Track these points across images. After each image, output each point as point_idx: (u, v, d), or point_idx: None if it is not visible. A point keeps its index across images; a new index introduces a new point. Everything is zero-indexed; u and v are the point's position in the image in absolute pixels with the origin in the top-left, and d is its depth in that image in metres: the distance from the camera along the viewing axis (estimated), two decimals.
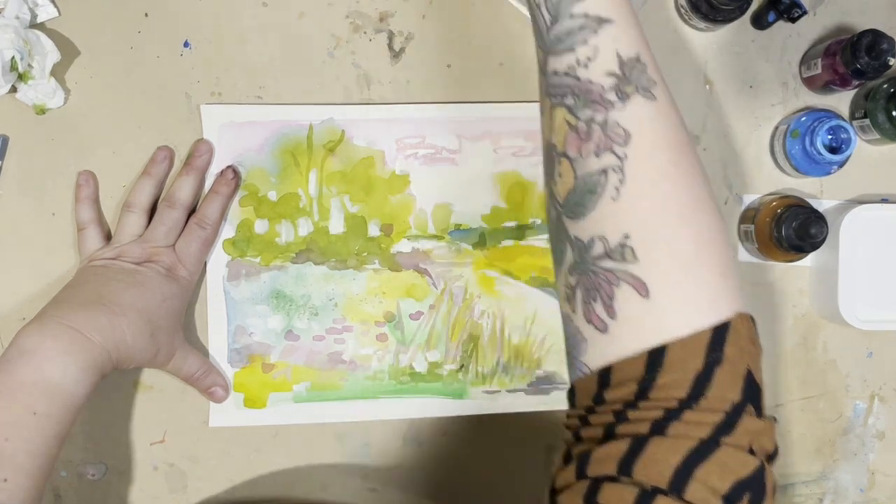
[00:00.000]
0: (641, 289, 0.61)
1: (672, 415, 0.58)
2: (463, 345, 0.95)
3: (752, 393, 0.60)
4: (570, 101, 0.65)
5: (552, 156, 0.66)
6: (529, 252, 0.95)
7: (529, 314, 0.96)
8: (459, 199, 0.95)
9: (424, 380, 0.95)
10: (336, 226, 0.94)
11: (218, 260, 0.93)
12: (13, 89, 0.89)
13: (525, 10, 0.92)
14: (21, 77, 0.87)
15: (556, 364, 0.96)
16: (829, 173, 0.94)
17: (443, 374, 0.95)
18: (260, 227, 0.93)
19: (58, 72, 0.90)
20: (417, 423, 0.95)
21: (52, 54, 0.88)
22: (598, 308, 0.63)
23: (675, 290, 0.61)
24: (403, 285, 0.95)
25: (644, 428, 0.59)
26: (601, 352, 0.63)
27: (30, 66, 0.87)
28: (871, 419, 1.00)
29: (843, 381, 0.99)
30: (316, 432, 0.95)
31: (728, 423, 0.58)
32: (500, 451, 0.96)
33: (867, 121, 0.93)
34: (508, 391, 0.96)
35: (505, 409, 0.96)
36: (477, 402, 0.95)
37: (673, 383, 0.59)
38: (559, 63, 0.66)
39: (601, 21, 0.64)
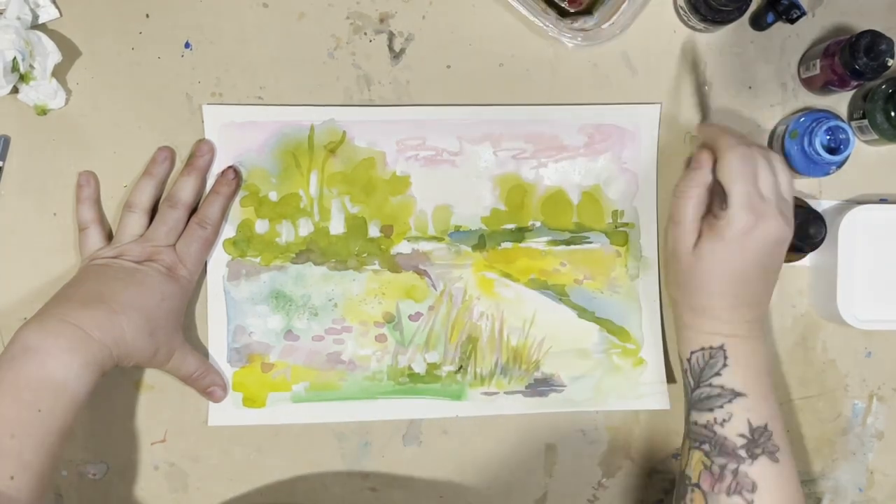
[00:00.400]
0: None
1: None
2: (462, 346, 0.95)
3: None
4: (707, 447, 0.82)
5: (685, 485, 0.83)
6: (528, 254, 0.95)
7: (528, 316, 0.96)
8: (459, 201, 0.95)
9: (423, 381, 0.95)
10: (336, 226, 0.94)
11: (218, 259, 0.93)
12: (15, 90, 0.89)
13: (524, 10, 0.92)
14: (22, 78, 0.88)
15: (554, 366, 0.96)
16: (827, 174, 0.94)
17: (441, 376, 0.95)
18: (260, 227, 0.93)
19: (59, 72, 0.90)
20: (417, 422, 0.96)
21: (54, 55, 0.88)
22: None
23: None
24: (403, 286, 0.95)
25: None
26: None
27: (31, 66, 0.88)
28: (870, 419, 1.00)
29: (842, 381, 0.99)
30: (316, 432, 0.95)
31: None
32: (499, 450, 0.97)
33: (866, 121, 0.94)
34: (506, 393, 0.96)
35: (503, 411, 0.96)
36: (475, 404, 0.95)
37: None
38: (700, 417, 0.83)
39: (735, 393, 0.81)
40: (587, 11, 0.93)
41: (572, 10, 0.93)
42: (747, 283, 0.82)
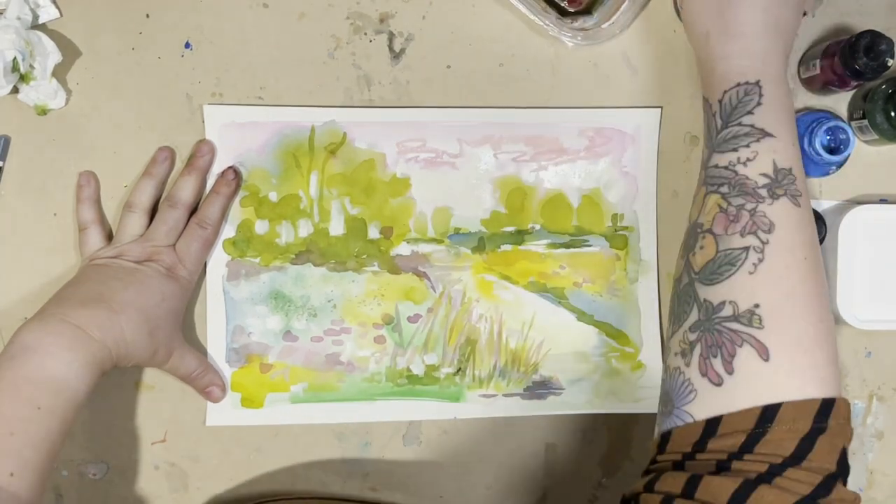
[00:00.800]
0: (763, 352, 0.70)
1: (776, 469, 0.66)
2: (460, 348, 0.95)
3: (844, 468, 0.68)
4: (725, 189, 0.77)
5: (696, 233, 0.78)
6: (528, 257, 0.95)
7: (527, 319, 0.96)
8: (459, 203, 0.95)
9: (421, 382, 0.95)
10: (336, 227, 0.94)
11: (218, 260, 0.93)
12: (15, 90, 0.89)
13: (524, 9, 0.92)
14: (23, 78, 0.88)
15: (553, 369, 0.96)
16: (827, 174, 0.94)
17: (440, 378, 0.95)
18: (260, 227, 0.94)
19: (59, 72, 0.90)
20: (417, 422, 0.96)
21: (54, 55, 0.88)
22: (717, 364, 0.72)
23: (793, 360, 0.70)
24: (402, 288, 0.95)
25: (751, 477, 0.66)
26: (712, 403, 0.72)
27: (31, 66, 0.88)
28: (869, 419, 1.00)
29: (842, 381, 0.99)
30: (316, 432, 0.95)
31: (825, 487, 0.66)
32: (499, 450, 0.97)
33: (865, 121, 0.93)
34: (505, 395, 0.96)
35: (501, 414, 0.96)
36: (473, 406, 0.95)
37: (779, 441, 0.67)
38: (721, 159, 0.78)
39: (765, 133, 0.77)
40: (587, 11, 0.93)
41: (572, 10, 0.93)
42: (787, 5, 0.81)
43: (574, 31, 0.93)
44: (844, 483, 0.68)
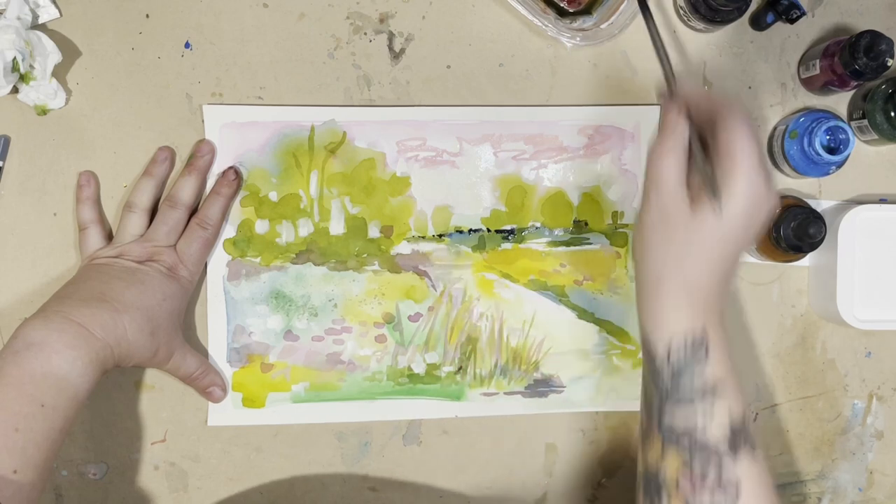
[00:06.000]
0: None
1: None
2: (461, 347, 0.95)
3: None
4: (685, 442, 0.74)
5: (657, 485, 0.76)
6: (528, 255, 0.95)
7: (528, 317, 0.96)
8: (459, 202, 0.95)
9: (423, 381, 0.95)
10: (336, 227, 0.94)
11: (218, 259, 0.93)
12: (15, 90, 0.89)
13: (523, 10, 0.92)
14: (22, 78, 0.88)
15: (554, 367, 0.96)
16: (827, 174, 0.94)
17: (441, 376, 0.95)
18: (260, 227, 0.94)
19: (59, 73, 0.90)
20: (417, 422, 0.96)
21: (54, 55, 0.88)
22: None
23: None
24: (403, 287, 0.95)
25: None
26: None
27: (31, 66, 0.88)
28: (869, 418, 1.00)
29: (842, 381, 1.00)
30: (316, 432, 0.95)
31: None
32: (499, 450, 0.97)
33: (865, 121, 0.94)
34: (506, 393, 0.96)
35: (502, 412, 0.96)
36: (474, 405, 0.96)
37: None
38: (678, 411, 0.75)
39: (717, 384, 0.74)
40: (586, 11, 0.93)
41: (571, 10, 0.93)
42: (739, 255, 0.76)
43: (573, 31, 0.93)
44: None
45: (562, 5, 0.93)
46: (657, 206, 0.75)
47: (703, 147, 0.76)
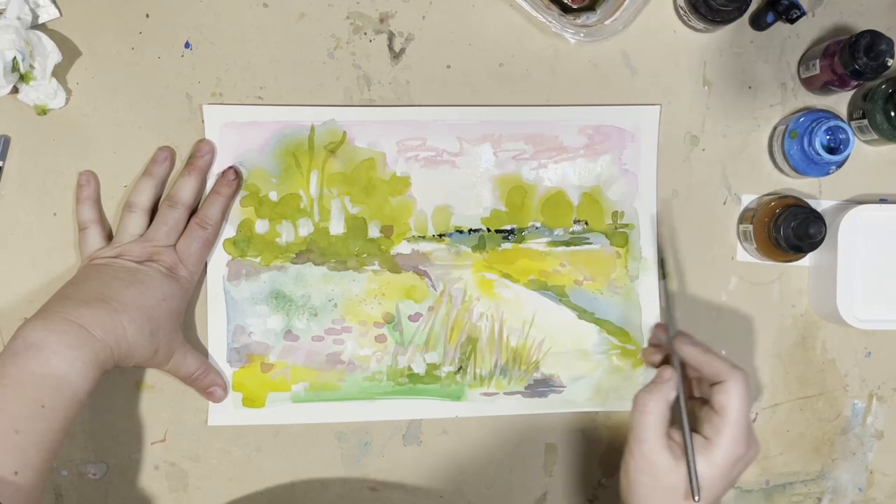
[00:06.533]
0: None
1: None
2: (461, 347, 0.95)
3: None
4: None
5: None
6: (528, 255, 0.95)
7: (528, 317, 0.96)
8: (460, 202, 0.95)
9: (423, 381, 0.95)
10: (336, 227, 0.94)
11: (218, 259, 0.93)
12: (15, 90, 0.89)
13: (527, 6, 0.92)
14: (22, 78, 0.88)
15: (554, 367, 0.96)
16: (827, 174, 0.94)
17: (441, 376, 0.95)
18: (260, 227, 0.94)
19: (59, 72, 0.90)
20: (417, 422, 0.96)
21: (54, 55, 0.88)
22: None
23: None
24: (403, 287, 0.95)
25: None
26: None
27: (31, 66, 0.88)
28: (869, 418, 1.00)
29: (842, 381, 1.00)
30: (316, 432, 0.95)
31: None
32: (499, 450, 0.97)
33: (865, 121, 0.94)
34: (506, 393, 0.96)
35: (502, 412, 0.96)
36: (474, 405, 0.96)
37: None
38: None
39: None
40: (590, 7, 0.93)
41: (575, 7, 0.93)
42: (721, 495, 0.82)
43: (576, 27, 0.93)
44: None
45: (566, 1, 0.93)
46: (640, 454, 0.82)
47: (691, 395, 0.87)
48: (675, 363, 0.86)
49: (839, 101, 0.98)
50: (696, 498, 0.79)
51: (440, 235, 0.95)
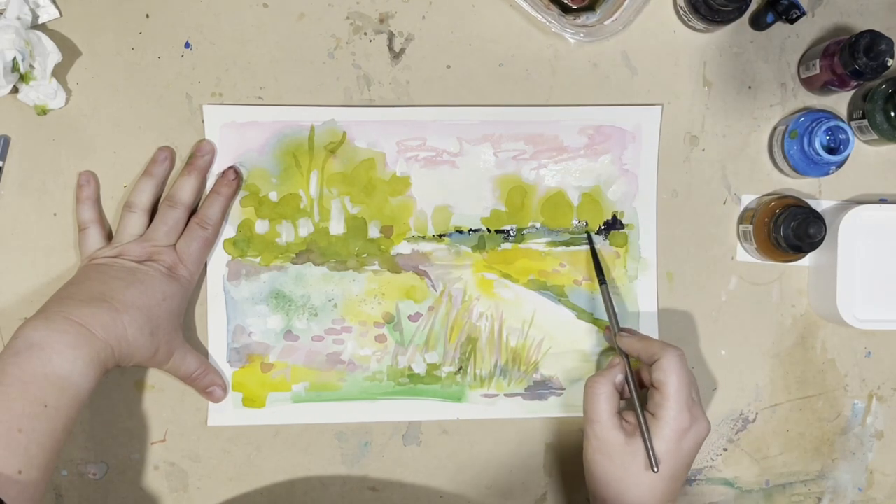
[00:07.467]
0: None
1: None
2: (461, 347, 0.95)
3: None
4: None
5: None
6: (528, 255, 0.95)
7: (527, 317, 0.96)
8: (459, 202, 0.95)
9: (423, 381, 0.95)
10: (336, 227, 0.94)
11: (218, 259, 0.93)
12: (15, 90, 0.89)
13: (527, 6, 0.92)
14: (22, 78, 0.88)
15: (553, 368, 0.96)
16: (827, 174, 0.94)
17: (441, 376, 0.95)
18: (260, 227, 0.94)
19: (59, 73, 0.90)
20: (417, 422, 0.96)
21: (54, 55, 0.88)
22: None
23: None
24: (403, 287, 0.95)
25: None
26: None
27: (31, 66, 0.88)
28: (869, 418, 1.00)
29: (842, 381, 1.00)
30: (316, 432, 0.95)
31: None
32: (499, 450, 0.97)
33: (865, 121, 0.94)
34: (506, 395, 0.96)
35: (503, 415, 0.96)
36: (475, 407, 0.96)
37: None
38: None
39: None
40: (590, 7, 0.93)
41: (575, 7, 0.93)
42: (678, 479, 0.85)
43: (576, 27, 0.93)
44: None
45: (565, 1, 0.93)
46: (593, 434, 0.86)
47: (642, 385, 0.90)
48: (619, 352, 0.90)
49: (839, 101, 0.98)
50: (655, 469, 0.82)
51: (440, 235, 0.95)
